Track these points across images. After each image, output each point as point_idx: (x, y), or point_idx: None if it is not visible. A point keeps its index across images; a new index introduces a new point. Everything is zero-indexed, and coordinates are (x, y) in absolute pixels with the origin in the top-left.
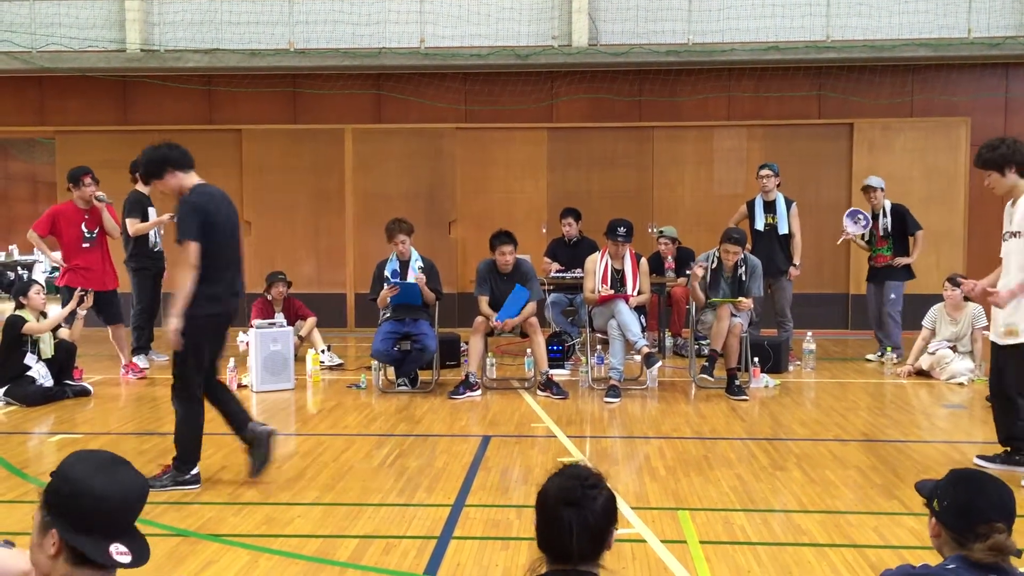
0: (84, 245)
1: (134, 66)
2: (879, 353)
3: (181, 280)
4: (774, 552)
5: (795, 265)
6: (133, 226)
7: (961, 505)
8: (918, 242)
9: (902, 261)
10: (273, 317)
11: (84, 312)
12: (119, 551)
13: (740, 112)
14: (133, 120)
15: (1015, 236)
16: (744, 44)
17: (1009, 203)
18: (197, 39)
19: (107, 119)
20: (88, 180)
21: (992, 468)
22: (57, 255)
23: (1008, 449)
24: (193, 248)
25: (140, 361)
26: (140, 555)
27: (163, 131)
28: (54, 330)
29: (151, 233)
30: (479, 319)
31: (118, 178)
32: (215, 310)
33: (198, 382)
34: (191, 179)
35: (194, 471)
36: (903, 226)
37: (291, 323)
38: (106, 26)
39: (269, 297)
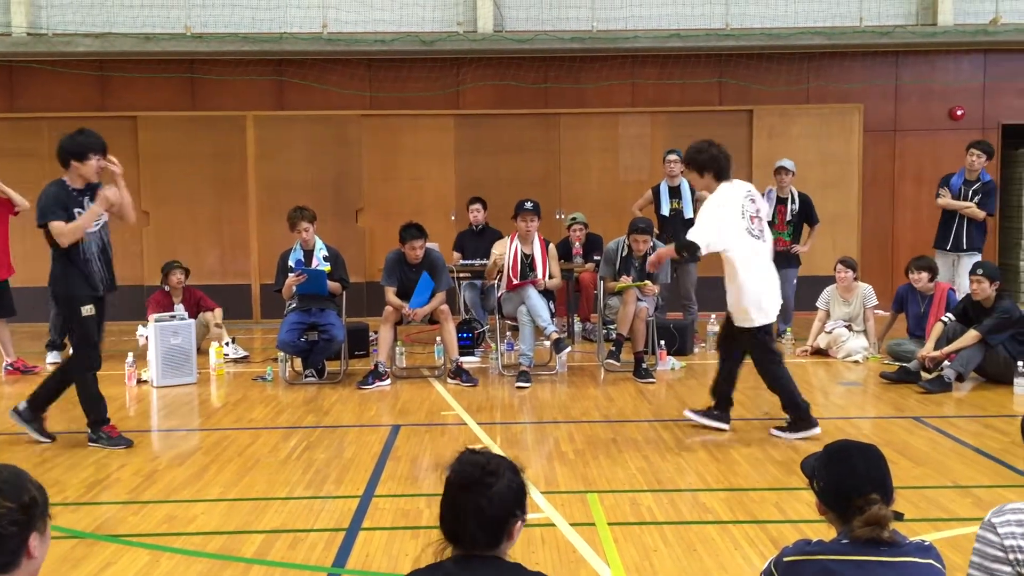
0: None
1: (20, 51)
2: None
3: None
4: (680, 531)
5: None
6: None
7: (834, 483)
8: (814, 234)
9: (801, 249)
10: (172, 309)
11: None
12: None
13: (644, 99)
14: (21, 107)
15: None
16: (647, 31)
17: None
18: (88, 22)
19: None
20: None
21: (697, 419)
22: None
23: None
24: None
25: (51, 356)
26: None
27: (53, 118)
28: None
29: None
30: (388, 308)
31: (6, 167)
32: None
33: None
34: None
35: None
36: (806, 216)
37: (192, 315)
38: None
39: (167, 288)
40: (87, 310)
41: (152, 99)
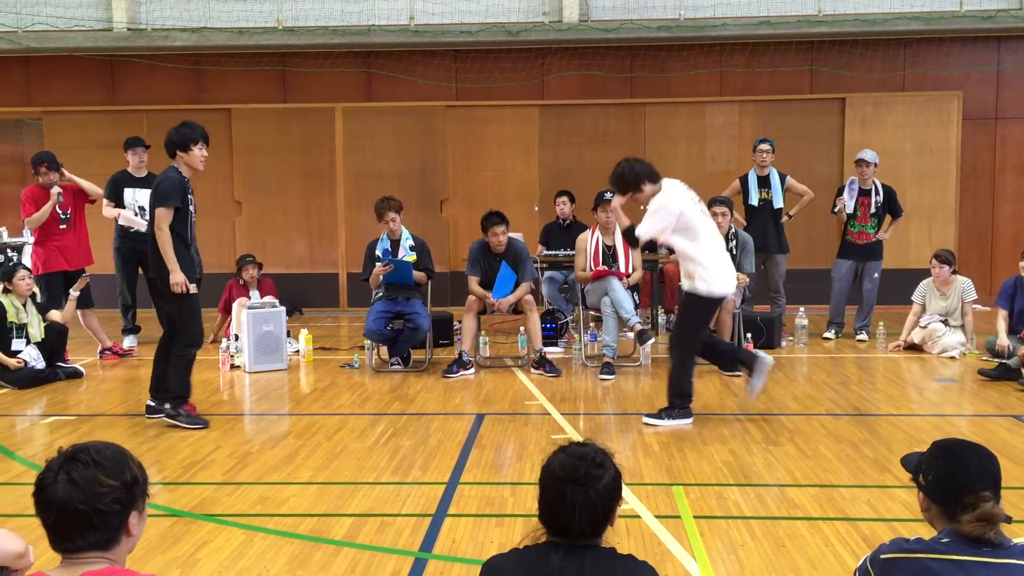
0: (61, 227)
1: (121, 45)
2: (834, 332)
3: None
4: (768, 526)
5: (790, 215)
6: (105, 209)
7: (945, 477)
8: (896, 224)
9: (883, 235)
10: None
11: (77, 293)
12: None
13: (732, 88)
14: (121, 100)
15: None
16: (735, 19)
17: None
18: (184, 18)
19: (94, 99)
20: (44, 169)
21: (657, 423)
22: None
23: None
24: None
25: (128, 341)
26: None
27: (151, 111)
28: (44, 313)
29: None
30: (472, 298)
31: (108, 158)
32: None
33: None
34: None
35: None
36: (890, 207)
37: None
38: (92, 5)
39: (242, 281)
40: (192, 288)
41: (245, 92)
